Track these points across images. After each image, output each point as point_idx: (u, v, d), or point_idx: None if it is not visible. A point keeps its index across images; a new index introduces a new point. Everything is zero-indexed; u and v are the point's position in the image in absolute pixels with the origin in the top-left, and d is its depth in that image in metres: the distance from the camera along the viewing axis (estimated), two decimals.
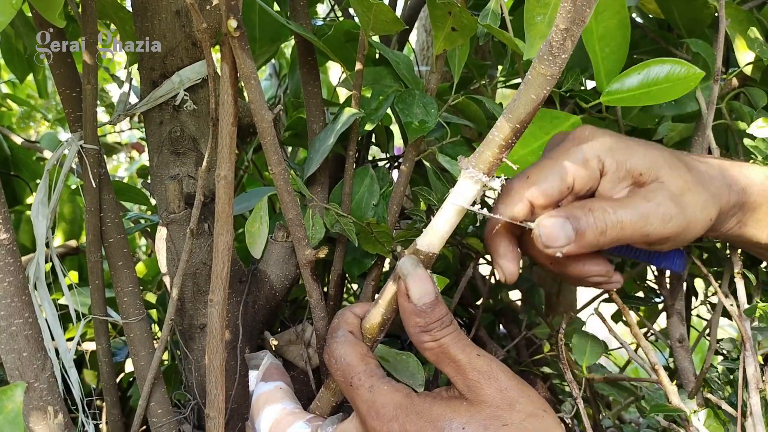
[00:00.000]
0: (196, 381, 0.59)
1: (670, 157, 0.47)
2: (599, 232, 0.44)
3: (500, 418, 0.39)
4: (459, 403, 0.40)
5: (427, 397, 0.41)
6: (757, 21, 0.63)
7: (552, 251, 0.44)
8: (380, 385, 0.42)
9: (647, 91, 0.54)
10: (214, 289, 0.46)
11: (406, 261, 0.42)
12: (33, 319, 0.46)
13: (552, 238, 0.44)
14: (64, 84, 0.53)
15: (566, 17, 0.33)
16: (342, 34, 0.68)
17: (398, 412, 0.40)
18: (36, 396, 0.47)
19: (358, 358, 0.43)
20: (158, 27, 0.53)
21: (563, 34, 0.34)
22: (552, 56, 0.35)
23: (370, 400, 0.41)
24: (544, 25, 0.51)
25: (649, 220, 0.44)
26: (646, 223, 0.44)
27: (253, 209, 0.60)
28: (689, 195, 0.46)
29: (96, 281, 0.58)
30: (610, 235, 0.45)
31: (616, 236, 0.45)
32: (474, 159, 0.39)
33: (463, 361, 0.41)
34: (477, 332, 0.74)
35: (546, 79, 0.36)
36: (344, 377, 0.43)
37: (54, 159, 0.54)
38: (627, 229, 0.44)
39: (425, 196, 0.61)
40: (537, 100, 0.37)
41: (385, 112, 0.60)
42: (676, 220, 0.45)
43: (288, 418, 0.48)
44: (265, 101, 0.44)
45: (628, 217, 0.44)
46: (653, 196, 0.45)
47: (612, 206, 0.45)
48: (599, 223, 0.44)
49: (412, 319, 0.41)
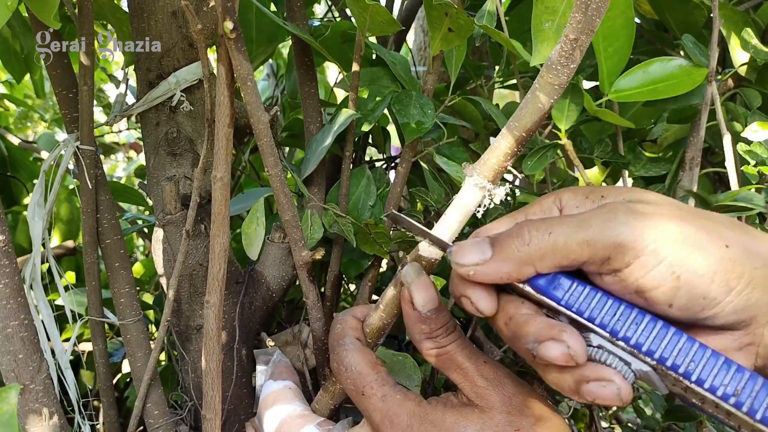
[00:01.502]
0: (193, 382, 0.59)
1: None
2: (522, 242, 0.35)
3: (512, 424, 0.39)
4: (471, 411, 0.40)
5: (438, 404, 0.41)
6: (753, 22, 0.64)
7: (464, 270, 0.36)
8: (393, 393, 0.42)
9: (653, 87, 0.55)
10: (211, 290, 0.46)
11: (410, 268, 0.41)
12: (29, 321, 0.46)
13: (463, 252, 0.36)
14: (61, 85, 0.53)
15: (576, 27, 0.33)
16: (339, 35, 0.68)
17: (412, 421, 0.40)
18: (32, 398, 0.47)
19: (369, 367, 0.43)
20: (155, 28, 0.53)
21: (573, 44, 0.34)
22: (560, 66, 0.35)
23: (384, 409, 0.41)
24: (552, 31, 0.52)
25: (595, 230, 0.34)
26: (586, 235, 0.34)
27: (249, 210, 0.60)
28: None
29: (93, 282, 0.58)
30: (536, 247, 0.35)
31: (550, 246, 0.35)
32: (479, 166, 0.39)
33: (470, 368, 0.41)
34: (474, 332, 0.74)
35: (554, 88, 0.36)
36: (355, 386, 0.43)
37: (50, 160, 0.54)
38: (559, 237, 0.34)
39: (422, 197, 0.61)
40: (544, 108, 0.37)
41: (382, 112, 0.61)
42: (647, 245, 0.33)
43: (298, 420, 0.48)
44: (262, 103, 0.44)
45: (561, 226, 0.35)
46: (610, 206, 0.35)
47: (547, 218, 0.37)
48: (522, 232, 0.36)
49: (417, 326, 0.41)
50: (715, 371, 0.32)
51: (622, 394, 0.33)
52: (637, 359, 0.33)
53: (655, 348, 0.33)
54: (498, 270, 0.36)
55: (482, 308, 0.37)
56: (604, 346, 0.34)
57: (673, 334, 0.33)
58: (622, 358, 0.34)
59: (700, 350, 0.33)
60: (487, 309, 0.37)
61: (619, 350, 0.34)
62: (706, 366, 0.32)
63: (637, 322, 0.34)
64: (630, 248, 0.33)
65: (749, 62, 0.63)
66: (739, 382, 0.32)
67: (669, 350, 0.33)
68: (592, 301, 0.35)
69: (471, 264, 0.36)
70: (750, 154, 0.53)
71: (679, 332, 0.33)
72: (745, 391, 0.31)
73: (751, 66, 0.64)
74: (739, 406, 0.31)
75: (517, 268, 0.36)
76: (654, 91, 0.56)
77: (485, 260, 0.36)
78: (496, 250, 0.36)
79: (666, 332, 0.33)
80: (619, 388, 0.33)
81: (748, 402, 0.31)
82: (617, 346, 0.34)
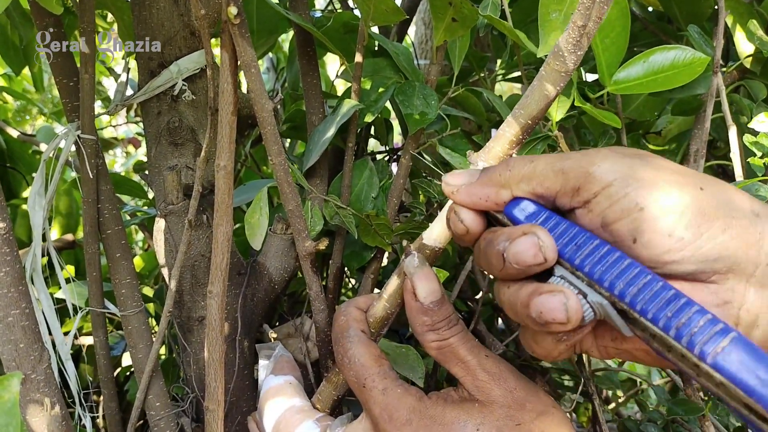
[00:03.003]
0: (195, 374, 0.58)
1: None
2: (505, 168, 0.37)
3: (513, 418, 0.39)
4: (471, 405, 0.40)
5: (438, 399, 0.41)
6: (758, 14, 0.63)
7: (449, 189, 0.38)
8: (394, 387, 0.41)
9: (654, 78, 0.54)
10: (213, 280, 0.46)
11: (412, 259, 0.41)
12: (30, 310, 0.46)
13: (454, 175, 0.39)
14: (62, 73, 0.53)
15: (585, 14, 0.33)
16: (341, 25, 0.67)
17: (412, 416, 0.40)
18: (33, 388, 0.47)
19: (372, 360, 0.42)
20: (156, 16, 0.53)
21: (580, 31, 0.34)
22: (568, 53, 0.35)
23: (384, 402, 0.41)
24: (559, 21, 0.51)
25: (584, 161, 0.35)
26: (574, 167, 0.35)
27: (252, 201, 0.60)
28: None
29: (93, 273, 0.57)
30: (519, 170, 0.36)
31: (528, 172, 0.36)
32: (484, 154, 0.39)
33: (471, 362, 0.41)
34: (476, 326, 0.74)
35: (560, 75, 0.35)
36: (357, 378, 0.42)
37: (51, 149, 0.53)
38: (539, 164, 0.36)
39: (425, 189, 0.61)
40: (550, 96, 0.36)
41: (385, 103, 0.60)
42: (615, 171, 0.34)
43: (297, 416, 0.48)
44: (266, 90, 0.43)
45: (544, 157, 0.36)
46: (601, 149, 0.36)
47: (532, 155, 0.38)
48: (508, 161, 0.37)
49: (419, 317, 0.41)
50: (674, 310, 0.30)
51: (570, 305, 0.32)
52: (594, 291, 0.32)
53: (614, 282, 0.32)
54: (478, 191, 0.38)
55: (464, 218, 0.38)
56: (565, 276, 0.34)
57: (636, 271, 0.31)
58: (581, 289, 0.33)
59: (661, 289, 0.30)
60: (468, 220, 0.38)
61: (579, 282, 0.33)
62: (665, 305, 0.30)
63: (598, 254, 0.33)
64: (599, 179, 0.33)
65: (754, 54, 0.63)
66: (696, 323, 0.29)
67: (628, 286, 0.31)
68: (557, 229, 0.35)
69: (457, 184, 0.38)
70: (756, 146, 0.53)
71: (644, 270, 0.31)
72: (703, 331, 0.29)
73: (756, 58, 0.63)
74: (691, 346, 0.29)
75: (495, 190, 0.37)
76: (654, 82, 0.55)
77: (471, 182, 0.38)
78: (481, 175, 0.38)
79: (628, 268, 0.32)
80: (568, 299, 0.32)
81: (700, 344, 0.28)
82: (579, 279, 0.33)
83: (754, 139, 0.52)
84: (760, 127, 0.54)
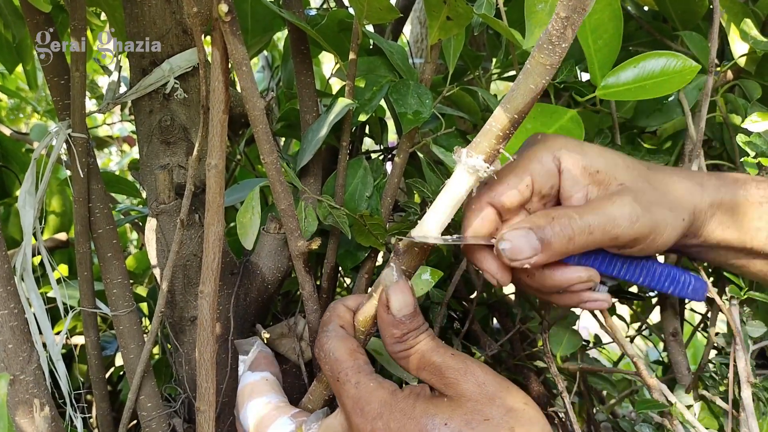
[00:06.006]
0: (187, 374, 0.58)
1: (628, 158, 0.47)
2: (566, 239, 0.43)
3: (481, 413, 0.39)
4: (440, 400, 0.40)
5: (411, 394, 0.41)
6: (752, 13, 0.63)
7: (518, 264, 0.43)
8: (366, 381, 0.42)
9: (643, 84, 0.53)
10: (205, 280, 0.45)
11: (389, 271, 0.42)
12: (19, 310, 0.45)
13: (516, 250, 0.43)
14: (53, 71, 0.52)
15: (567, 5, 0.33)
16: (335, 23, 0.67)
17: (383, 409, 0.40)
18: (22, 389, 0.46)
19: (347, 354, 0.43)
20: (148, 13, 0.52)
21: (564, 22, 0.33)
22: (552, 45, 0.34)
23: (356, 396, 0.41)
24: (545, 13, 0.51)
25: (616, 222, 0.43)
26: (613, 225, 0.43)
27: (244, 200, 0.59)
28: (653, 194, 0.45)
29: (85, 272, 0.57)
30: (579, 241, 0.43)
31: (585, 242, 0.43)
32: (471, 149, 0.39)
33: (438, 361, 0.41)
34: (471, 326, 0.74)
35: (545, 68, 0.35)
36: (332, 372, 0.43)
37: (42, 147, 0.53)
38: (595, 232, 0.43)
39: (419, 188, 0.61)
40: (536, 90, 0.36)
41: (379, 102, 0.60)
42: (642, 221, 0.43)
43: (272, 413, 0.48)
44: (258, 88, 0.43)
45: (594, 220, 0.43)
46: (617, 198, 0.44)
47: (577, 211, 0.44)
48: (565, 229, 0.43)
49: (389, 329, 0.42)
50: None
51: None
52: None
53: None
54: (544, 261, 0.43)
55: (501, 280, 0.45)
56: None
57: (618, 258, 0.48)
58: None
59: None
60: (505, 280, 0.45)
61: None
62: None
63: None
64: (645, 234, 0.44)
65: (749, 53, 0.63)
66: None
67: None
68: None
69: (524, 258, 0.43)
70: (750, 145, 0.52)
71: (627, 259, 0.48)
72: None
73: (750, 57, 0.63)
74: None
75: (558, 257, 0.44)
76: (642, 89, 0.54)
77: (536, 254, 0.43)
78: (544, 247, 0.43)
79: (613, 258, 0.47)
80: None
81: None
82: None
83: (747, 139, 0.52)
84: (753, 127, 0.53)
